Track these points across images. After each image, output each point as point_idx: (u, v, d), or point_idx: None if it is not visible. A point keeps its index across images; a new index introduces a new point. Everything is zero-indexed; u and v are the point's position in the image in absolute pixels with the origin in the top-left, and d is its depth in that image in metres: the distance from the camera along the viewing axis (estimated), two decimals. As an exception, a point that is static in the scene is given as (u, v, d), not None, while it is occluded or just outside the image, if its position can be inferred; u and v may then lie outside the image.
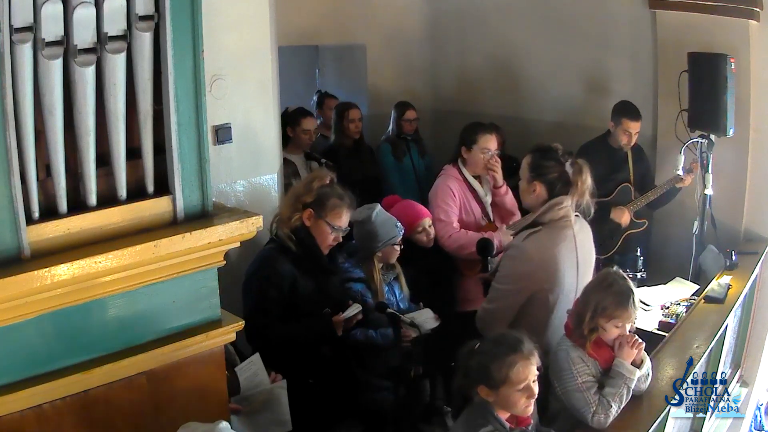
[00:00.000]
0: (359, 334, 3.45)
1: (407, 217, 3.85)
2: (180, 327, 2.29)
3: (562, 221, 3.03)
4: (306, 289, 3.28)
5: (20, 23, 1.85)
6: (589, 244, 3.20)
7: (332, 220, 3.28)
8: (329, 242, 3.32)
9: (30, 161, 1.93)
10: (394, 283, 3.72)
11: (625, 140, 4.72)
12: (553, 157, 3.07)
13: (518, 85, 5.98)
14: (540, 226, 3.06)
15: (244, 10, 3.76)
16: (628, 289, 2.88)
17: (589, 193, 3.07)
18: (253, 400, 2.79)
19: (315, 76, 6.90)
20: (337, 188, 3.37)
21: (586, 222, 3.20)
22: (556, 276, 3.03)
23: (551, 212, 3.04)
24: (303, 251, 3.27)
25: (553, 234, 3.04)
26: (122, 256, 2.06)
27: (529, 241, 3.04)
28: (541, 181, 3.08)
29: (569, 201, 3.04)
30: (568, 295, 3.07)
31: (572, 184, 3.04)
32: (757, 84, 4.66)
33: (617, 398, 2.83)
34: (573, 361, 2.87)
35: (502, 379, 2.47)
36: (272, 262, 3.25)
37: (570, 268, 3.07)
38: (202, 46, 2.18)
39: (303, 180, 3.52)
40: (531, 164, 3.13)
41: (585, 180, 3.04)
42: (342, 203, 3.30)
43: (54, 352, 2.06)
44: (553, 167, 3.06)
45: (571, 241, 3.07)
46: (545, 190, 3.07)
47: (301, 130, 4.89)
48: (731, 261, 4.42)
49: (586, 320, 2.87)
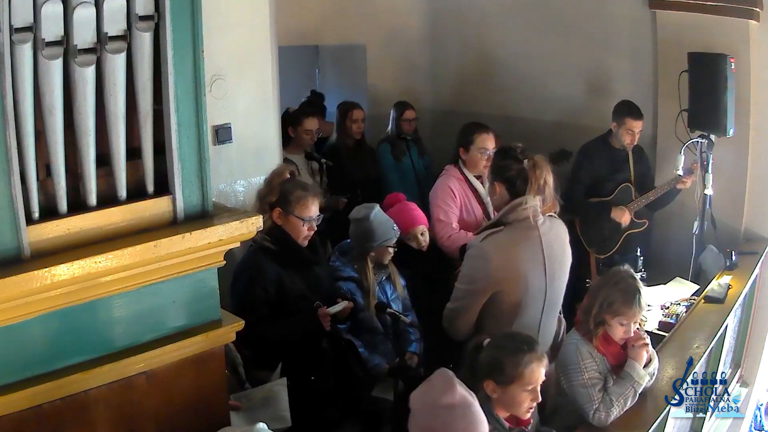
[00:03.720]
0: (352, 341, 3.48)
1: (402, 221, 3.85)
2: (180, 327, 2.29)
3: (526, 221, 2.98)
4: (293, 285, 3.29)
5: (20, 23, 1.85)
6: (559, 244, 3.13)
7: (300, 212, 3.26)
8: (304, 234, 3.30)
9: (30, 161, 1.93)
10: (386, 282, 3.72)
11: (628, 140, 4.72)
12: (511, 155, 3.03)
13: (518, 85, 5.98)
14: (502, 226, 3.02)
15: (244, 10, 3.76)
16: (635, 288, 2.88)
17: (550, 189, 3.00)
18: (253, 397, 2.79)
19: (315, 76, 6.90)
20: (298, 181, 3.38)
21: (560, 222, 3.17)
22: (517, 276, 2.99)
23: (515, 212, 3.00)
24: (282, 249, 3.27)
25: (514, 234, 3.00)
26: (122, 256, 2.05)
27: (487, 241, 3.00)
28: (500, 181, 3.05)
29: (535, 201, 2.98)
30: (536, 297, 3.04)
31: (528, 181, 2.98)
32: (757, 84, 4.65)
33: (621, 399, 2.83)
34: (582, 355, 2.87)
35: (514, 376, 2.48)
36: (256, 262, 3.26)
37: (534, 269, 3.01)
38: (202, 46, 2.17)
39: (264, 181, 3.47)
40: (492, 165, 3.13)
41: (540, 176, 2.96)
42: (306, 193, 3.30)
43: (54, 352, 2.06)
44: (511, 165, 3.01)
45: (536, 241, 3.01)
46: (506, 189, 3.04)
47: (303, 130, 4.89)
48: (731, 261, 4.42)
49: (593, 313, 2.88)
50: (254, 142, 3.90)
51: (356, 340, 3.56)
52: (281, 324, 3.25)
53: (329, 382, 3.36)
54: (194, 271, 2.27)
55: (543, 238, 3.03)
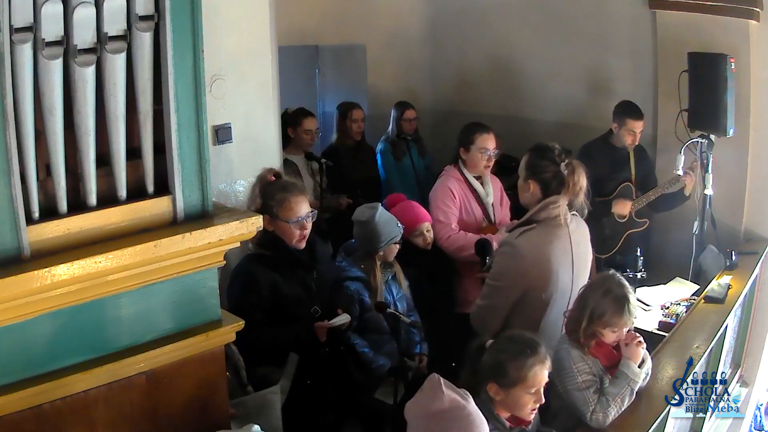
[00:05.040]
0: (360, 345, 3.47)
1: (407, 219, 3.85)
2: (180, 327, 2.29)
3: (556, 220, 3.01)
4: (290, 290, 3.24)
5: (20, 23, 1.84)
6: (585, 244, 3.19)
7: (285, 215, 3.19)
8: (296, 237, 3.23)
9: (30, 161, 1.93)
10: (392, 282, 3.72)
11: (629, 140, 4.73)
12: (549, 157, 3.05)
13: (518, 85, 5.99)
14: (534, 224, 3.05)
15: (244, 10, 3.76)
16: (624, 296, 2.86)
17: (583, 194, 3.04)
18: (248, 404, 2.78)
19: (315, 76, 6.89)
20: (279, 182, 3.29)
21: (583, 221, 3.19)
22: (549, 274, 3.02)
23: (546, 210, 3.02)
24: (277, 254, 3.23)
25: (546, 232, 3.03)
26: (122, 256, 2.05)
27: (522, 239, 3.03)
28: (535, 180, 3.07)
29: (564, 200, 3.02)
30: (564, 295, 3.07)
31: (565, 184, 3.02)
32: (757, 84, 4.66)
33: (618, 399, 2.82)
34: (573, 359, 2.87)
35: (517, 379, 2.47)
36: (250, 268, 3.23)
37: (564, 267, 3.05)
38: (202, 46, 2.17)
39: (251, 189, 3.40)
40: (527, 163, 3.13)
41: (578, 181, 3.01)
42: (287, 194, 3.21)
43: (54, 352, 2.06)
44: (548, 167, 3.04)
45: (566, 239, 3.05)
46: (539, 189, 3.06)
47: (303, 131, 4.90)
48: (731, 261, 4.42)
49: (583, 326, 2.86)
50: (254, 142, 3.90)
51: (361, 340, 3.55)
52: (275, 333, 3.20)
53: (328, 387, 3.33)
54: (194, 271, 2.27)
55: (572, 237, 3.06)
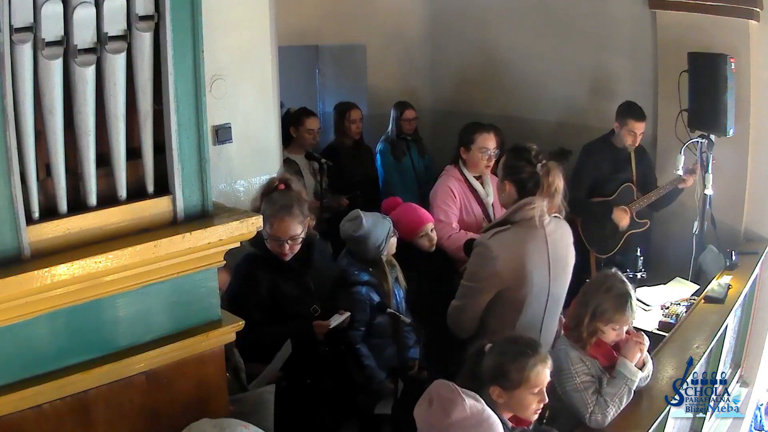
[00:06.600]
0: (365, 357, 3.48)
1: (410, 222, 3.84)
2: (180, 327, 2.28)
3: (532, 221, 3.00)
4: (288, 290, 3.27)
5: (20, 23, 1.84)
6: (564, 245, 3.16)
7: (271, 231, 3.20)
8: (285, 252, 3.24)
9: (30, 161, 1.93)
10: (395, 284, 3.71)
11: (630, 141, 4.74)
12: (525, 158, 3.03)
13: (518, 85, 5.98)
14: (509, 224, 3.04)
15: (244, 10, 3.76)
16: (626, 293, 2.87)
17: (559, 195, 3.03)
18: (245, 401, 2.78)
19: (315, 76, 6.90)
20: (278, 197, 3.27)
21: (565, 223, 3.18)
22: (522, 275, 3.00)
23: (521, 212, 3.01)
24: (271, 256, 3.26)
25: (521, 233, 3.02)
26: (122, 256, 2.05)
27: (495, 239, 3.02)
28: (511, 181, 3.06)
29: (540, 201, 3.00)
30: (540, 296, 3.05)
31: (540, 185, 3.00)
32: (757, 84, 4.66)
33: (616, 399, 2.82)
34: (572, 360, 2.87)
35: (520, 380, 2.46)
36: (248, 267, 3.26)
37: (539, 268, 3.03)
38: (202, 46, 2.17)
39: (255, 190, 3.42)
40: (504, 163, 3.13)
41: (553, 182, 2.99)
42: (277, 213, 3.19)
43: (54, 352, 2.06)
44: (524, 167, 3.03)
45: (542, 241, 3.03)
46: (515, 190, 3.06)
47: (305, 130, 4.90)
48: (731, 261, 4.43)
49: (584, 323, 2.87)
50: (254, 142, 3.90)
51: (366, 350, 3.53)
52: (273, 331, 3.20)
53: (328, 386, 3.34)
54: (194, 271, 2.27)
55: (548, 238, 3.05)
